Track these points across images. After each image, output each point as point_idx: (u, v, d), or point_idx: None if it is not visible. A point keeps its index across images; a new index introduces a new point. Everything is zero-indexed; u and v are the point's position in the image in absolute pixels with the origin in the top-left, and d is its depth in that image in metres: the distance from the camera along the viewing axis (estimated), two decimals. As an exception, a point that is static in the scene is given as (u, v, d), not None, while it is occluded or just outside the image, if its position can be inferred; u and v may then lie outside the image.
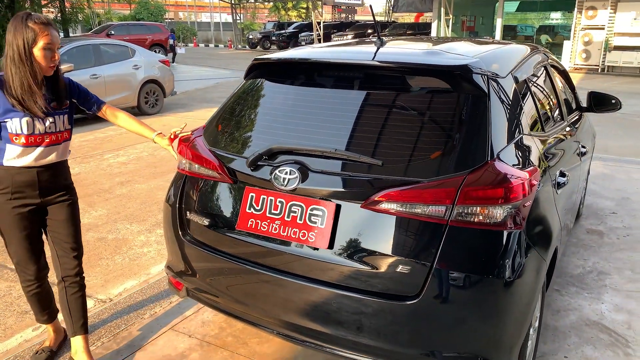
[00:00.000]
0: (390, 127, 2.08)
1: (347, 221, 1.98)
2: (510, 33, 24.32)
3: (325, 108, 2.25)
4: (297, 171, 2.02)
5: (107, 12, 39.01)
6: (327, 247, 1.98)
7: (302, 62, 2.48)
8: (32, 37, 2.15)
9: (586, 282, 3.52)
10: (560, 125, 2.95)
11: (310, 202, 2.03)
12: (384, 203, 1.90)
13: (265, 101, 2.49)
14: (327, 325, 2.03)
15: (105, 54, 9.72)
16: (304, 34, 31.30)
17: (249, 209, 2.17)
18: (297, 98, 2.38)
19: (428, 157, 1.95)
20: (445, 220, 1.85)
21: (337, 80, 2.31)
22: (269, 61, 2.52)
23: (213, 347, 2.80)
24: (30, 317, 3.13)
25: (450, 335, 1.90)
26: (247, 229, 2.16)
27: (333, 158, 2.04)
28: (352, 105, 2.18)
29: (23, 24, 2.15)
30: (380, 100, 2.17)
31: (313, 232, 2.01)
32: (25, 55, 2.16)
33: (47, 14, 16.40)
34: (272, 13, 47.98)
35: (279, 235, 2.08)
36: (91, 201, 5.19)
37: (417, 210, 1.87)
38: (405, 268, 1.87)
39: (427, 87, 2.13)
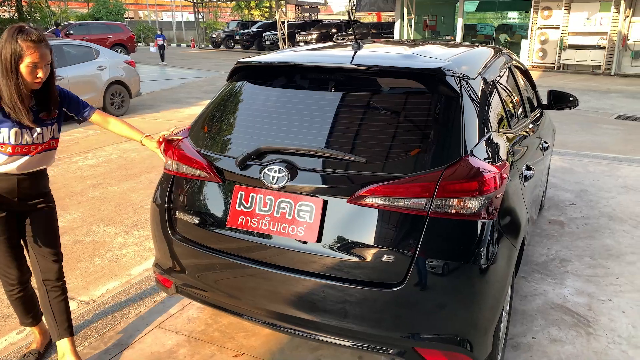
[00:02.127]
0: (373, 127, 2.21)
1: (334, 216, 2.10)
2: (470, 32, 25.01)
3: (310, 109, 2.36)
4: (286, 169, 2.13)
5: (63, 11, 37.92)
6: (315, 241, 2.10)
7: (285, 65, 2.59)
8: (19, 53, 2.16)
9: (550, 269, 3.75)
10: (524, 122, 3.15)
11: (298, 199, 2.15)
12: (368, 198, 2.03)
13: (249, 103, 2.58)
14: (316, 313, 2.15)
15: (69, 55, 9.54)
16: (268, 33, 31.27)
17: (238, 206, 2.27)
18: (282, 99, 2.49)
19: (408, 154, 2.10)
20: (426, 212, 1.99)
21: (321, 82, 2.43)
22: (251, 64, 2.62)
23: (200, 342, 2.88)
24: (14, 320, 3.12)
25: (431, 318, 2.05)
26: (238, 226, 2.26)
27: (319, 156, 2.16)
28: (336, 106, 2.31)
29: (12, 39, 2.16)
30: (363, 101, 2.31)
31: (302, 226, 2.13)
32: (11, 69, 2.17)
33: (3, 14, 15.88)
34: (234, 12, 47.68)
35: (269, 230, 2.19)
36: (63, 204, 5.14)
37: (399, 203, 2.01)
38: (389, 257, 2.01)
39: (405, 88, 2.28)
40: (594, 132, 8.89)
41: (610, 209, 4.96)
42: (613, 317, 3.13)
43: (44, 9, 17.03)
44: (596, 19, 18.94)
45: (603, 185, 5.72)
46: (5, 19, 15.63)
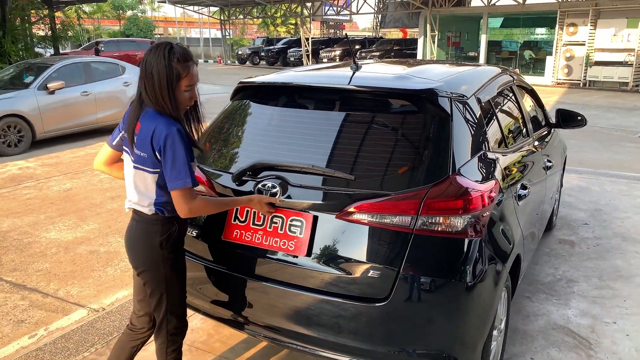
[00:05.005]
0: (363, 145, 2.29)
1: (323, 231, 2.17)
2: (495, 48, 24.84)
3: (304, 127, 2.46)
4: (279, 185, 2.22)
5: (96, 28, 39.24)
6: (305, 255, 2.17)
7: (284, 86, 2.69)
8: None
9: (555, 289, 3.72)
10: (524, 141, 3.17)
11: (290, 214, 2.22)
12: (356, 214, 2.10)
13: (249, 121, 2.69)
14: (305, 326, 2.21)
15: (96, 72, 9.88)
16: (293, 49, 31.71)
17: (234, 220, 2.36)
18: (279, 118, 2.58)
19: (396, 172, 2.16)
20: (411, 230, 2.05)
21: (316, 102, 2.52)
22: (253, 84, 2.73)
23: (201, 352, 2.96)
24: (27, 325, 3.27)
25: (417, 334, 2.09)
26: (233, 239, 2.35)
27: (311, 173, 2.24)
28: (329, 125, 2.39)
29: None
30: (354, 120, 2.38)
31: (292, 241, 2.20)
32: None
33: (38, 32, 16.55)
34: (261, 29, 48.54)
35: (262, 244, 2.27)
36: (83, 215, 5.33)
37: (385, 220, 2.07)
38: (375, 273, 2.07)
39: (396, 108, 2.35)
40: (614, 150, 8.74)
41: (624, 230, 4.89)
42: (616, 340, 3.09)
43: (76, 27, 17.68)
44: (623, 35, 18.67)
45: (619, 204, 5.63)
46: (40, 36, 16.29)
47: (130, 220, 2.18)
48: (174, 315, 2.21)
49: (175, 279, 2.17)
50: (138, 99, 2.04)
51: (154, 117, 1.98)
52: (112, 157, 2.25)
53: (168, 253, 2.10)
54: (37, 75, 9.04)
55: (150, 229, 2.08)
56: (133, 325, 2.34)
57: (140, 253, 2.11)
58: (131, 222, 2.17)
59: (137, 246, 2.12)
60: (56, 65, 9.26)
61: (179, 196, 1.96)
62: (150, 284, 2.14)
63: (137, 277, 2.22)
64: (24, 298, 3.64)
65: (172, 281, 2.16)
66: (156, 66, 1.96)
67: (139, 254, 2.12)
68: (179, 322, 2.24)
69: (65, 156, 8.18)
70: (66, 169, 7.33)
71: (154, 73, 1.96)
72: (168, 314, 2.19)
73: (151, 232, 2.08)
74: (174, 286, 2.17)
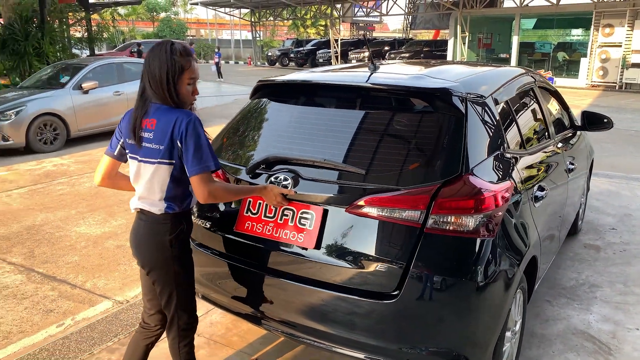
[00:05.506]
0: (376, 141, 2.33)
1: (332, 224, 2.21)
2: (527, 50, 24.36)
3: (319, 124, 2.51)
4: (290, 178, 2.28)
5: (131, 30, 40.20)
6: (314, 247, 2.22)
7: (301, 84, 2.75)
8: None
9: (577, 294, 3.66)
10: (544, 142, 3.14)
11: (300, 207, 2.28)
12: (365, 207, 2.13)
13: (266, 118, 2.76)
14: (315, 320, 2.25)
15: (128, 72, 10.15)
16: (322, 51, 31.80)
17: (246, 212, 2.42)
18: (295, 115, 2.65)
19: (407, 168, 2.18)
20: (420, 224, 2.06)
21: (331, 100, 2.58)
22: (271, 83, 2.79)
23: (219, 345, 3.03)
24: (55, 315, 3.41)
25: (428, 332, 2.10)
26: (244, 231, 2.41)
27: (323, 167, 2.29)
28: (343, 122, 2.45)
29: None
30: (368, 118, 2.42)
31: (302, 233, 2.25)
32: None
33: (75, 33, 17.08)
34: (291, 30, 48.86)
35: (272, 236, 2.33)
36: (112, 211, 5.50)
37: (395, 214, 2.09)
38: (382, 267, 2.10)
39: (410, 107, 2.38)
40: (649, 154, 8.49)
41: (654, 235, 4.76)
42: (637, 347, 3.03)
43: (111, 29, 18.16)
44: (662, 37, 18.08)
45: (650, 210, 5.48)
46: (76, 37, 16.81)
47: (137, 221, 2.19)
48: (184, 311, 2.24)
49: (185, 276, 2.21)
50: (141, 98, 2.08)
51: (170, 110, 2.04)
52: (113, 167, 2.25)
53: (177, 251, 2.13)
54: (73, 75, 9.36)
55: (159, 229, 2.10)
56: (146, 324, 2.38)
57: (149, 252, 2.14)
58: (138, 222, 2.18)
59: (146, 246, 2.15)
60: (91, 66, 9.57)
61: (199, 180, 1.99)
62: (159, 282, 2.18)
63: (146, 277, 2.25)
64: (54, 289, 3.79)
65: (182, 278, 2.19)
66: (159, 61, 2.03)
67: (148, 254, 2.15)
68: (189, 318, 2.27)
69: (97, 154, 8.44)
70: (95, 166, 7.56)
71: (158, 68, 2.02)
72: (179, 310, 2.22)
73: (160, 231, 2.10)
74: (184, 283, 2.21)
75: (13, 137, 8.28)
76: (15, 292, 3.72)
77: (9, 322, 3.34)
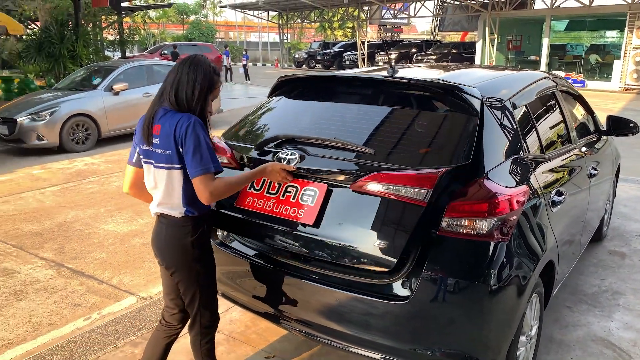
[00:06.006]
0: (387, 134, 2.37)
1: (335, 201, 2.23)
2: (558, 52, 23.86)
3: (334, 116, 2.60)
4: (297, 153, 2.32)
5: (161, 32, 40.98)
6: (312, 223, 2.24)
7: (320, 78, 2.87)
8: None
9: (599, 301, 3.61)
10: (565, 147, 3.12)
11: (304, 184, 2.31)
12: (370, 184, 2.14)
13: (283, 108, 2.87)
14: (326, 318, 2.30)
15: (157, 74, 10.39)
16: (348, 53, 31.84)
17: (249, 188, 2.48)
18: (312, 106, 2.77)
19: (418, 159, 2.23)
20: (425, 203, 2.05)
21: (346, 94, 2.69)
22: (292, 78, 2.92)
23: (238, 342, 3.11)
24: (82, 308, 3.55)
25: (440, 333, 2.12)
26: (245, 206, 2.45)
27: (332, 147, 2.34)
28: (358, 114, 2.54)
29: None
30: (382, 112, 2.50)
31: (303, 209, 2.27)
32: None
33: (107, 36, 17.55)
34: (318, 32, 49.03)
35: (272, 212, 2.35)
36: (139, 210, 5.65)
37: (400, 192, 2.09)
38: (382, 244, 2.09)
39: (424, 104, 2.43)
40: (682, 160, 8.24)
41: (683, 243, 4.65)
42: (659, 355, 2.98)
43: (142, 32, 18.61)
44: (700, 39, 17.49)
45: (680, 217, 5.35)
46: (109, 40, 17.30)
47: (158, 225, 2.23)
48: (206, 310, 2.30)
49: (207, 275, 2.27)
50: (159, 102, 2.15)
51: (174, 114, 2.09)
52: (138, 175, 2.29)
53: (199, 252, 2.19)
54: (104, 77, 9.65)
55: (181, 231, 2.15)
56: (167, 323, 2.43)
57: (172, 255, 2.19)
58: (159, 225, 2.22)
59: (168, 249, 2.19)
60: (122, 68, 9.84)
61: (200, 182, 2.01)
62: (183, 282, 2.24)
63: (168, 277, 2.30)
64: (82, 284, 3.94)
65: (204, 278, 2.25)
66: (203, 74, 2.12)
67: (170, 256, 2.20)
68: (211, 316, 2.34)
69: (125, 154, 8.62)
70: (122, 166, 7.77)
71: (199, 80, 2.11)
72: (201, 309, 2.28)
73: (182, 234, 2.15)
74: (206, 282, 2.27)
75: (47, 136, 8.57)
76: (46, 286, 3.88)
77: (40, 314, 3.49)
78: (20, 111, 8.62)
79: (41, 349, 3.06)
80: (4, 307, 3.58)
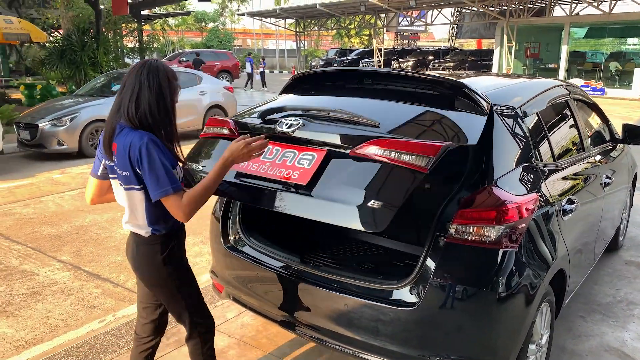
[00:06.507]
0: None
1: (332, 164, 2.18)
2: (577, 60, 23.62)
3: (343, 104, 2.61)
4: (301, 120, 2.32)
5: (180, 40, 41.53)
6: (306, 183, 2.15)
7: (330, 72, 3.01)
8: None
9: (613, 311, 3.57)
10: (577, 155, 3.10)
11: (303, 149, 2.28)
12: (370, 148, 2.07)
13: (292, 99, 2.92)
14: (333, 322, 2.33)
15: (175, 81, 10.53)
16: (364, 60, 31.92)
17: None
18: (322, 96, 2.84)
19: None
20: (426, 169, 1.96)
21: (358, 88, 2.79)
22: (304, 74, 3.02)
23: (249, 346, 3.14)
24: (97, 311, 3.62)
25: (447, 339, 2.13)
26: (238, 168, 2.37)
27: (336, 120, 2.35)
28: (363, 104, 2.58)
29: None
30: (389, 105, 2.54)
31: (298, 171, 2.20)
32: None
33: (127, 44, 17.88)
34: (335, 40, 49.22)
35: (266, 174, 2.29)
36: (155, 215, 5.74)
37: (401, 157, 2.01)
38: (376, 204, 1.98)
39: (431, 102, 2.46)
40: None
41: (702, 254, 4.56)
42: (675, 367, 2.94)
43: (161, 39, 18.92)
44: None
45: (699, 227, 5.25)
46: (129, 47, 17.63)
47: (130, 240, 2.18)
48: (200, 317, 2.24)
49: (186, 286, 2.18)
50: (116, 115, 2.01)
51: (127, 133, 1.96)
52: (101, 187, 2.23)
53: (173, 268, 2.11)
54: (123, 84, 9.80)
55: (151, 250, 2.07)
56: (137, 335, 2.36)
57: (146, 273, 2.13)
58: (132, 243, 2.15)
59: (141, 267, 2.13)
60: (140, 75, 9.98)
61: (168, 205, 1.93)
62: (165, 299, 2.18)
63: (142, 285, 2.25)
64: (98, 286, 4.01)
65: (185, 289, 2.17)
66: (164, 79, 2.01)
67: (145, 274, 2.14)
68: (206, 321, 2.27)
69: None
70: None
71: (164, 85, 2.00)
72: (194, 318, 2.21)
73: (152, 252, 2.07)
74: (189, 292, 2.19)
75: (67, 142, 8.75)
76: (63, 288, 3.96)
77: (57, 316, 3.56)
78: (42, 117, 8.82)
79: (57, 350, 3.13)
80: (23, 308, 3.67)
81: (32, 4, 20.63)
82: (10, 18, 15.74)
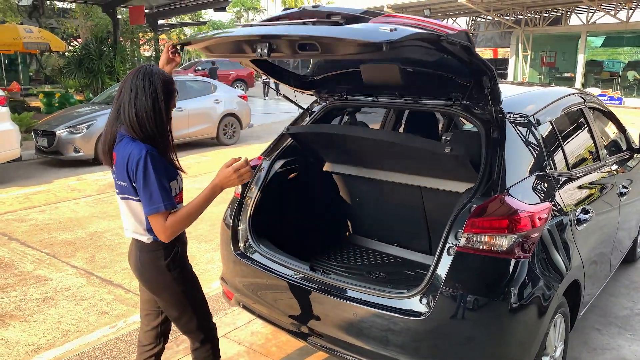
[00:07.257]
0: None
1: None
2: (594, 69, 23.36)
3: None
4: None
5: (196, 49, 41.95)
6: None
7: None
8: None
9: (631, 324, 3.49)
10: (593, 165, 3.05)
11: None
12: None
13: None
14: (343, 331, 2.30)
15: (191, 89, 10.64)
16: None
17: None
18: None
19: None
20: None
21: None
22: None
23: (258, 354, 3.12)
24: (109, 316, 3.63)
25: (457, 350, 2.10)
26: None
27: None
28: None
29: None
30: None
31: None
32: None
33: (144, 52, 18.14)
34: (350, 49, 49.22)
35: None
36: (167, 221, 5.77)
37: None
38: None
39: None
40: None
41: None
42: (694, 382, 2.85)
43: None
44: None
45: None
46: (145, 56, 17.89)
47: (133, 248, 2.14)
48: (208, 323, 2.22)
49: (192, 290, 2.16)
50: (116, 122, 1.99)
51: (127, 144, 1.95)
52: None
53: (178, 272, 2.09)
54: (139, 92, 9.92)
55: (154, 256, 2.05)
56: (140, 342, 2.34)
57: (150, 280, 2.10)
58: (134, 250, 2.12)
59: (145, 274, 2.10)
60: (156, 84, 10.10)
61: (154, 222, 1.92)
62: (171, 307, 2.13)
63: (144, 291, 2.24)
64: (110, 292, 4.03)
65: (191, 294, 2.15)
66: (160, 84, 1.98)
67: (149, 281, 2.11)
68: (213, 327, 2.26)
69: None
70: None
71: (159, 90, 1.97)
72: (201, 325, 2.18)
73: (155, 258, 2.05)
74: (195, 297, 2.17)
75: (83, 149, 8.86)
76: (76, 294, 3.99)
77: (68, 321, 3.59)
78: (59, 124, 8.95)
79: (68, 355, 3.15)
80: (36, 312, 3.70)
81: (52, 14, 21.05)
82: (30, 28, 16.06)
